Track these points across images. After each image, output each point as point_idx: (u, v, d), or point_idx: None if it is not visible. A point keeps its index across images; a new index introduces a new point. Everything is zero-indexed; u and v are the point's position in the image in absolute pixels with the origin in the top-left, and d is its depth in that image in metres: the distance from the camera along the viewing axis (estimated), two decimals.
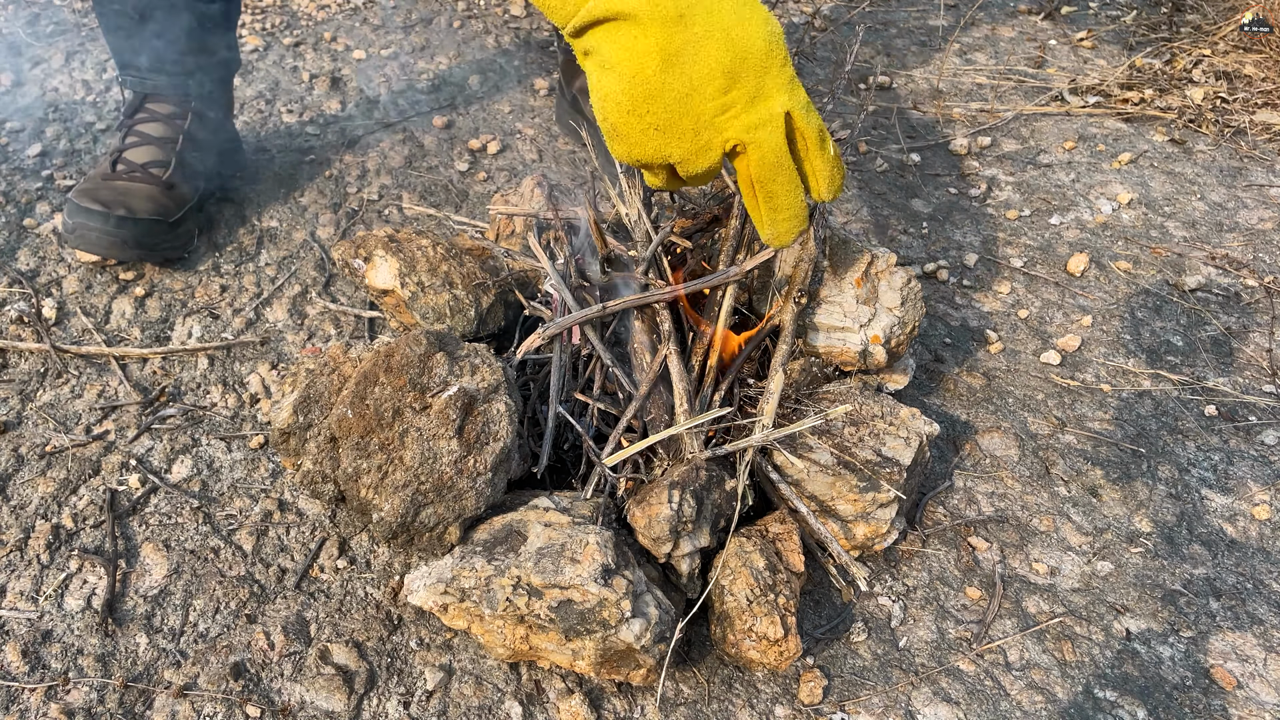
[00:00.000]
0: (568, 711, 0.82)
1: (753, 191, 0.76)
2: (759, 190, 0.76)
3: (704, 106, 0.71)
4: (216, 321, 1.19)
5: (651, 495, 0.86)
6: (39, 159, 1.41)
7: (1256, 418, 1.17)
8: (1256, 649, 0.93)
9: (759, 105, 0.72)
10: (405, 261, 1.07)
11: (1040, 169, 1.60)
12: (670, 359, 0.93)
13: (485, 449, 0.84)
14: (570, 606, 0.77)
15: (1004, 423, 1.15)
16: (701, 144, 0.73)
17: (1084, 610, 0.95)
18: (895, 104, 1.74)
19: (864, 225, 1.46)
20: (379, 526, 0.82)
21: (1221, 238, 1.45)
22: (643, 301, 0.96)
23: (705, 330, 0.99)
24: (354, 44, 1.79)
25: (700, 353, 0.98)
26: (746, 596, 0.83)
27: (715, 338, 0.97)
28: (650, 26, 0.69)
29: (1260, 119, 1.70)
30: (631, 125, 0.72)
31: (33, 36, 1.69)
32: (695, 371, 0.97)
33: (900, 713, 0.85)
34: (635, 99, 0.71)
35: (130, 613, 0.88)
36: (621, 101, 0.71)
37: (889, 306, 1.01)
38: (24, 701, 0.80)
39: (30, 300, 1.17)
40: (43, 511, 0.95)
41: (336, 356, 0.91)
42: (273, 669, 0.85)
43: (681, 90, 0.70)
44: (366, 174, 1.47)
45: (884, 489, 0.91)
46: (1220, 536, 1.04)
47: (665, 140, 0.72)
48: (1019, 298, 1.34)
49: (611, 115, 0.73)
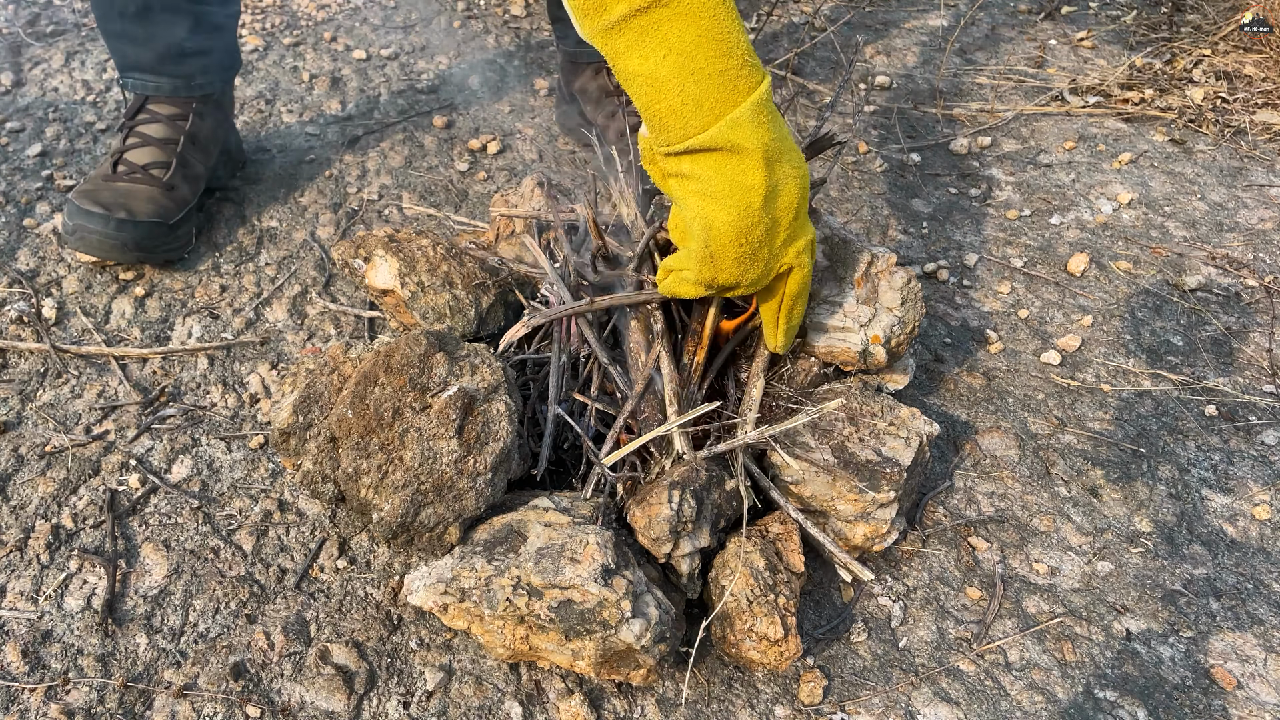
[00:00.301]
0: (568, 712, 0.82)
1: (779, 307, 0.87)
2: (787, 308, 0.86)
3: (779, 238, 0.79)
4: (216, 321, 1.19)
5: (651, 495, 0.86)
6: (39, 159, 1.41)
7: (1257, 418, 1.17)
8: (1257, 649, 0.93)
9: (805, 233, 0.81)
10: (405, 261, 1.07)
11: (1040, 169, 1.60)
12: (662, 359, 0.93)
13: (485, 449, 0.84)
14: (570, 607, 0.77)
15: (1004, 423, 1.15)
16: (767, 270, 0.81)
17: (1084, 610, 0.95)
18: (895, 104, 1.74)
19: (864, 225, 1.46)
20: (379, 526, 0.82)
21: (1222, 238, 1.45)
22: (632, 301, 0.96)
23: (695, 327, 0.99)
24: (354, 44, 1.79)
25: (691, 349, 0.98)
26: (747, 596, 0.83)
27: (705, 334, 0.97)
28: (757, 164, 0.74)
29: (1260, 119, 1.70)
30: (729, 254, 0.78)
31: (33, 36, 1.69)
32: (687, 369, 0.97)
33: (900, 713, 0.85)
34: (739, 230, 0.76)
35: (130, 613, 0.88)
36: (727, 232, 0.76)
37: (889, 306, 1.01)
38: (24, 701, 0.80)
39: (30, 300, 1.17)
40: (43, 511, 0.95)
41: (336, 356, 0.91)
42: (273, 669, 0.85)
43: (769, 224, 0.77)
44: (366, 174, 1.47)
45: (884, 489, 0.91)
46: (1220, 536, 1.04)
47: (746, 268, 0.79)
48: (1019, 298, 1.34)
49: (715, 244, 0.78)
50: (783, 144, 0.76)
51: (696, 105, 0.72)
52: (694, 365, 0.97)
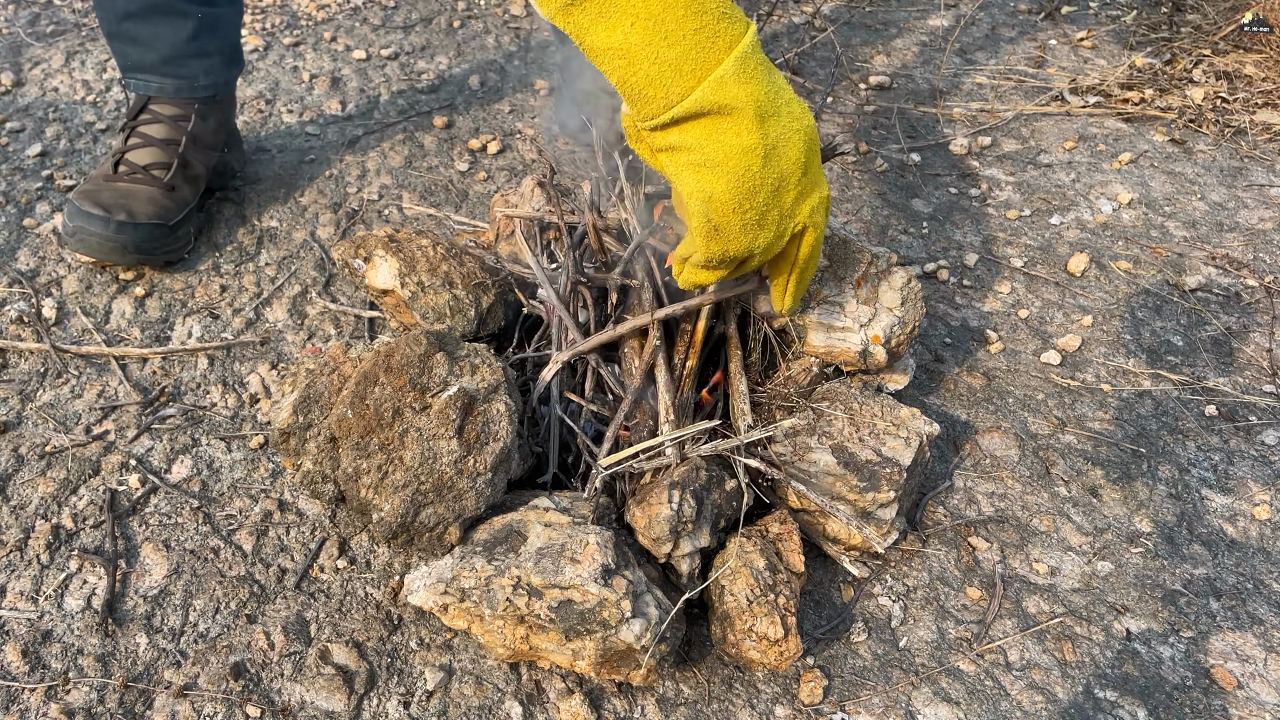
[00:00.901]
0: (568, 711, 0.82)
1: (791, 269, 0.80)
2: (800, 268, 0.80)
3: (788, 197, 0.73)
4: (216, 321, 1.19)
5: (651, 495, 0.86)
6: (39, 159, 1.41)
7: (1257, 418, 1.17)
8: (1257, 649, 0.93)
9: (817, 189, 0.75)
10: (405, 261, 1.07)
11: (1040, 169, 1.60)
12: (658, 370, 0.93)
13: (485, 449, 0.84)
14: (570, 606, 0.77)
15: (1004, 423, 1.15)
16: (781, 232, 0.75)
17: (1084, 610, 0.95)
18: (895, 104, 1.74)
19: (864, 225, 1.46)
20: (379, 527, 0.82)
21: (1222, 238, 1.45)
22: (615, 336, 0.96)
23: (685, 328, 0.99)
24: (354, 44, 1.79)
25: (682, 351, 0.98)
26: (747, 596, 0.83)
27: (696, 336, 0.97)
28: (751, 122, 0.69)
29: (1260, 119, 1.70)
30: (733, 223, 0.72)
31: (33, 36, 1.69)
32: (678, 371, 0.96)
33: (900, 713, 0.85)
34: (740, 196, 0.71)
35: (130, 613, 0.88)
36: (728, 200, 0.71)
37: (889, 306, 1.01)
38: (24, 701, 0.80)
39: (30, 300, 1.17)
40: (43, 511, 0.95)
41: (336, 356, 0.91)
42: (273, 669, 0.85)
43: (774, 184, 0.72)
44: (366, 174, 1.47)
45: (884, 489, 0.91)
46: (1220, 536, 1.04)
47: (757, 234, 0.74)
48: (1019, 298, 1.34)
49: (716, 214, 0.72)
50: (778, 96, 0.70)
51: (675, 71, 0.67)
52: (686, 370, 0.97)
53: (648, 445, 0.88)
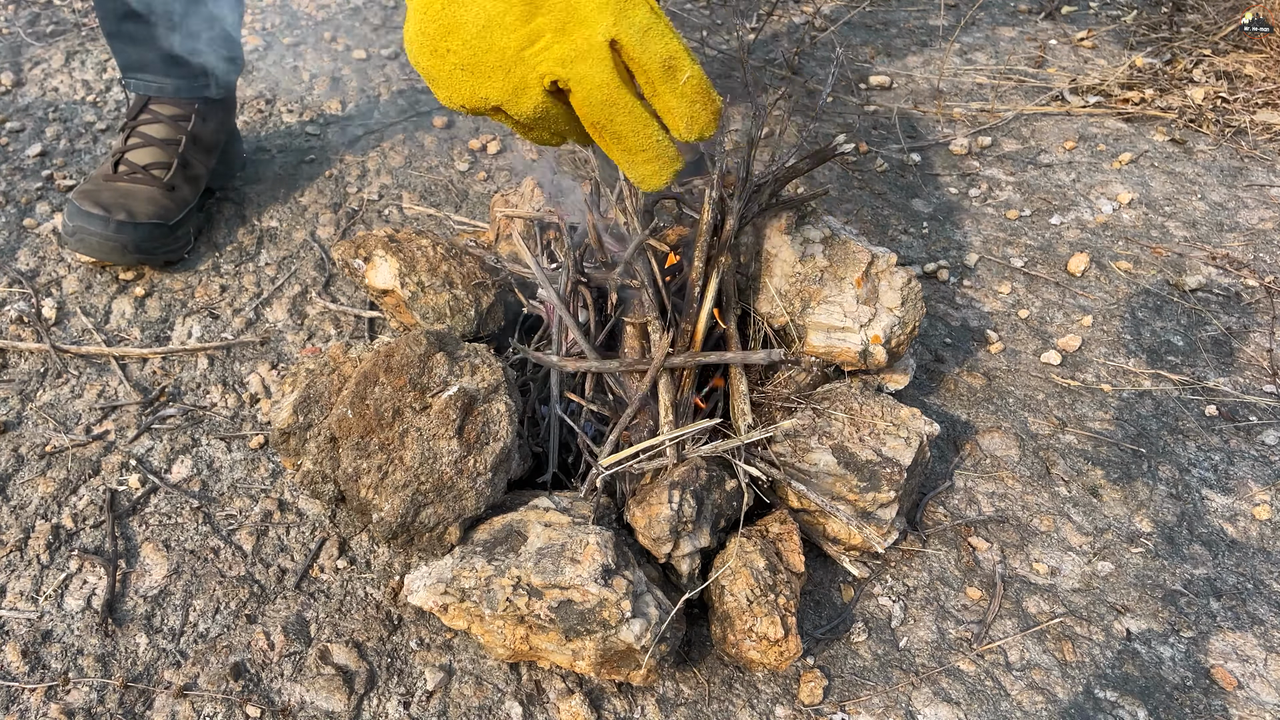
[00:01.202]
0: (568, 712, 0.82)
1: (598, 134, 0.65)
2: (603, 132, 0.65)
3: (506, 40, 0.61)
4: (216, 321, 1.19)
5: (651, 495, 0.85)
6: (39, 159, 1.41)
7: (1257, 418, 1.17)
8: (1257, 649, 0.93)
9: (572, 34, 0.61)
10: (405, 261, 1.07)
11: (1040, 169, 1.60)
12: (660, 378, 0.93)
13: (485, 449, 0.84)
14: (570, 607, 0.76)
15: (1004, 423, 1.15)
16: (515, 83, 0.63)
17: (1084, 610, 0.95)
18: (895, 104, 1.74)
19: (864, 225, 1.46)
20: (379, 527, 0.82)
21: (1222, 238, 1.45)
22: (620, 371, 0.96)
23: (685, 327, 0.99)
24: (354, 44, 1.79)
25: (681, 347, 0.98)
26: (747, 596, 0.83)
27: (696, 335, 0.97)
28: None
29: (1261, 119, 1.70)
30: (438, 67, 0.63)
31: (33, 36, 1.69)
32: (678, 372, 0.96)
33: (900, 713, 0.85)
34: (430, 36, 0.62)
35: (130, 613, 0.88)
36: (416, 40, 0.63)
37: (889, 306, 1.01)
38: (24, 701, 0.80)
39: (30, 300, 1.17)
40: (43, 511, 0.95)
41: (336, 356, 0.91)
42: (273, 669, 0.84)
43: (478, 23, 0.61)
44: (366, 174, 1.47)
45: (884, 489, 0.91)
46: (1221, 536, 1.04)
47: (477, 82, 0.63)
48: (1019, 298, 1.34)
49: (415, 56, 0.64)
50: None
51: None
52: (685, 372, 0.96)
53: (648, 445, 0.88)
